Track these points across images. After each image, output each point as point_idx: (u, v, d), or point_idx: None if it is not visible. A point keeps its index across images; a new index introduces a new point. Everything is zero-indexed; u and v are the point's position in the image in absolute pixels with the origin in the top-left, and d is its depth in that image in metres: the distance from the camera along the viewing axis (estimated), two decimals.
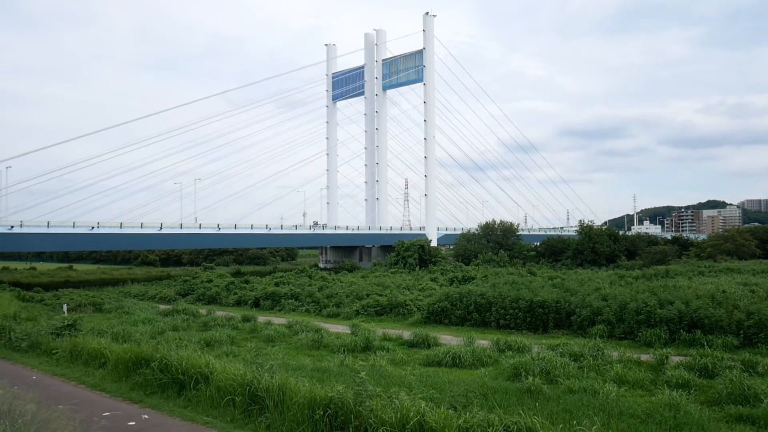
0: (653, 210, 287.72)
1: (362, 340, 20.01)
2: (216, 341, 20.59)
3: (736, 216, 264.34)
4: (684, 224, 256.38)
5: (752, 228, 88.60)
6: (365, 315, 29.47)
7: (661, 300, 22.47)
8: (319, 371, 14.70)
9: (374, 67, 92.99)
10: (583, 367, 15.53)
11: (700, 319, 20.32)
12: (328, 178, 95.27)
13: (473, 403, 10.40)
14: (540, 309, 24.25)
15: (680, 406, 11.59)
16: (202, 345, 18.65)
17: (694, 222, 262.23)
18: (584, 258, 63.22)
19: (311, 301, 34.10)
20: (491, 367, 16.50)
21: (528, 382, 12.89)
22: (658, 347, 18.42)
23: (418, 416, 8.66)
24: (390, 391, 10.00)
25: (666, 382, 14.00)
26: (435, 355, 17.60)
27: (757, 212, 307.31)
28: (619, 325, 21.74)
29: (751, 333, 19.23)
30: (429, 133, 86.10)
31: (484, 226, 75.06)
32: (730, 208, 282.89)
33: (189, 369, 12.62)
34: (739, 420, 11.07)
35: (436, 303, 27.45)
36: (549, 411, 10.66)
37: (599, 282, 32.99)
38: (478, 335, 21.95)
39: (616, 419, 10.27)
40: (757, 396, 12.10)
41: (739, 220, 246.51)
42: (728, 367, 14.86)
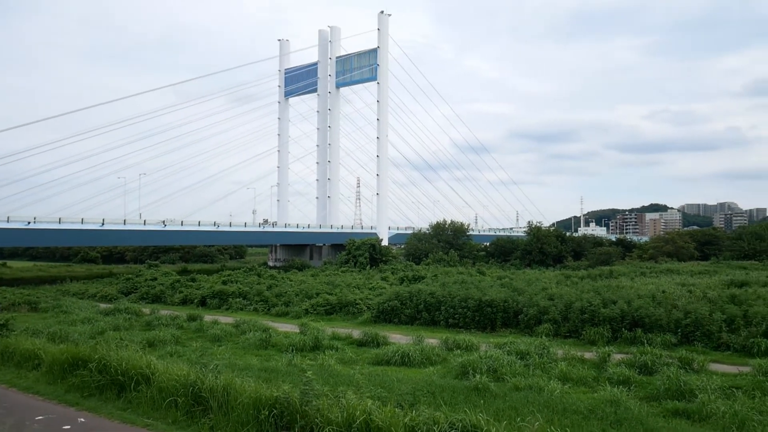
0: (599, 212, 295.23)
1: (311, 339, 19.83)
2: (159, 341, 20.09)
3: (676, 219, 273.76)
4: (628, 226, 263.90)
5: (691, 231, 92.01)
6: (315, 314, 29.23)
7: (604, 300, 23.01)
8: (267, 371, 14.52)
9: (328, 65, 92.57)
10: (529, 365, 15.77)
11: (641, 318, 20.89)
12: (280, 175, 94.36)
13: (420, 401, 10.42)
14: (488, 308, 24.52)
15: (621, 401, 11.89)
16: (144, 345, 18.16)
17: (637, 224, 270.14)
18: (532, 258, 64.43)
19: (260, 299, 33.65)
20: (440, 365, 16.59)
21: (475, 380, 13.02)
22: (601, 345, 18.84)
23: (364, 415, 8.65)
24: (337, 390, 9.97)
25: (608, 378, 14.33)
26: (384, 354, 17.56)
27: (696, 216, 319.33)
28: (565, 324, 22.16)
29: (688, 331, 19.86)
30: (382, 132, 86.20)
31: (435, 225, 75.61)
32: (671, 212, 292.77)
33: (129, 370, 12.24)
34: (675, 414, 11.43)
35: (386, 302, 27.46)
36: (495, 408, 10.77)
37: (546, 282, 33.58)
38: (428, 334, 22.04)
39: (559, 415, 10.41)
40: (693, 391, 12.53)
41: (680, 223, 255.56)
42: (666, 364, 15.33)
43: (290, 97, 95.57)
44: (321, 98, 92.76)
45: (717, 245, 75.36)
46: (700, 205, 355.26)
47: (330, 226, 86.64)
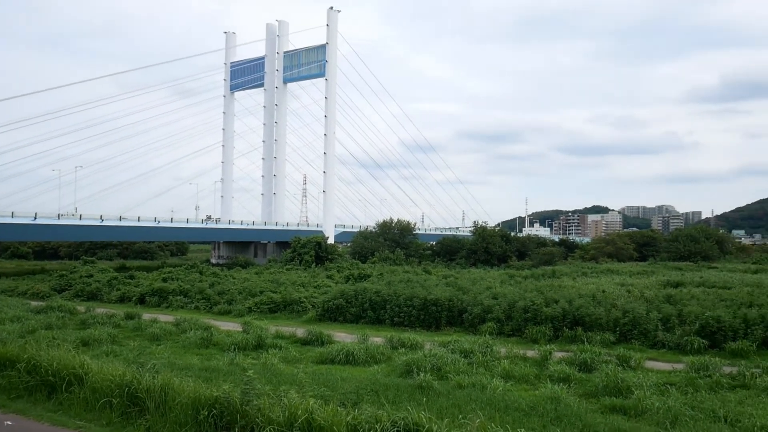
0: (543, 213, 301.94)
1: (254, 338, 19.55)
2: (95, 340, 19.36)
3: (617, 221, 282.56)
4: (570, 227, 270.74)
5: (631, 233, 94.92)
6: (258, 312, 28.80)
7: (547, 299, 23.46)
8: (207, 370, 14.21)
9: (275, 59, 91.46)
10: (472, 363, 15.88)
11: (581, 317, 21.39)
12: (224, 170, 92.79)
13: (364, 400, 10.36)
14: (433, 307, 24.64)
15: (561, 398, 12.10)
16: (78, 344, 17.46)
17: (579, 226, 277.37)
18: (477, 258, 65.22)
19: (201, 297, 32.93)
20: (384, 364, 16.54)
21: (420, 379, 13.03)
22: (543, 343, 19.18)
23: (306, 414, 8.57)
24: (280, 389, 9.85)
25: (549, 376, 14.57)
26: (328, 353, 17.43)
27: (635, 218, 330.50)
28: (508, 323, 22.46)
29: (626, 330, 20.44)
30: (329, 129, 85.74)
31: (381, 224, 75.70)
32: (612, 214, 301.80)
33: (61, 370, 11.73)
34: (613, 410, 11.69)
35: (331, 300, 27.27)
36: (439, 406, 10.80)
37: (491, 281, 34.04)
38: (373, 332, 21.98)
39: (501, 412, 10.50)
40: (629, 388, 12.87)
41: (620, 225, 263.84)
42: (605, 362, 15.69)
43: (236, 91, 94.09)
44: (268, 93, 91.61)
45: (655, 247, 77.94)
46: (639, 208, 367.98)
47: (275, 223, 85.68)
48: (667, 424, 10.61)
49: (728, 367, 15.40)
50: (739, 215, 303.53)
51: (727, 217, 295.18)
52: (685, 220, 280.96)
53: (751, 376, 14.12)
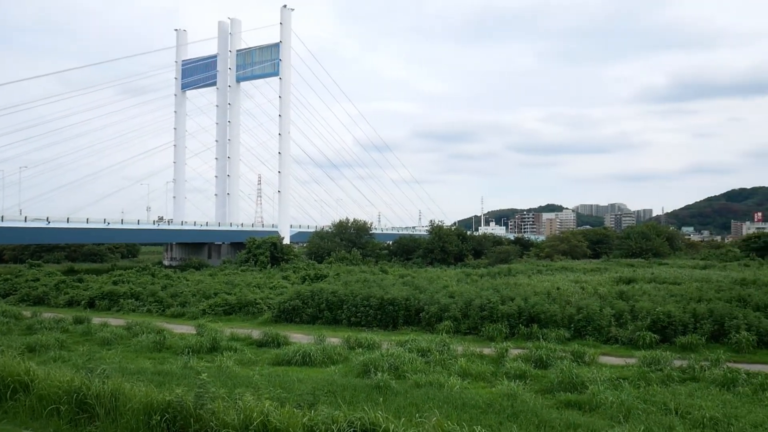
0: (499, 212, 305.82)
1: (208, 340, 19.17)
2: (42, 346, 18.69)
3: (571, 219, 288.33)
4: (526, 226, 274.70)
5: (584, 231, 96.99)
6: (213, 315, 28.32)
7: (503, 297, 23.68)
8: (160, 374, 13.85)
9: (228, 58, 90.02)
10: (430, 361, 15.92)
11: (537, 314, 21.67)
12: (176, 170, 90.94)
13: (321, 401, 10.27)
14: (390, 306, 24.63)
15: (517, 395, 12.22)
16: (23, 350, 16.83)
17: (534, 224, 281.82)
18: (434, 257, 65.55)
19: (154, 300, 32.20)
20: (341, 364, 16.45)
21: (377, 378, 12.97)
22: (499, 341, 19.37)
23: (261, 416, 8.44)
24: (235, 392, 9.71)
25: (505, 373, 14.66)
26: (285, 354, 17.24)
27: (589, 216, 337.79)
28: (465, 321, 22.59)
29: (581, 326, 20.80)
30: (284, 128, 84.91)
31: (337, 224, 75.41)
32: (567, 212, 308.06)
33: (5, 377, 11.21)
34: (568, 406, 11.85)
35: (287, 301, 27.02)
36: (396, 405, 10.77)
37: (447, 280, 34.18)
38: (330, 333, 21.86)
39: (458, 410, 10.55)
40: (584, 383, 13.06)
41: (574, 223, 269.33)
42: (560, 358, 15.94)
43: (188, 89, 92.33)
44: (220, 92, 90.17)
45: (607, 244, 79.69)
46: (592, 206, 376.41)
47: (229, 224, 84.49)
48: (621, 417, 10.79)
49: (678, 360, 15.81)
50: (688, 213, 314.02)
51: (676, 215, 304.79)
52: (636, 218, 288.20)
53: (700, 369, 14.53)
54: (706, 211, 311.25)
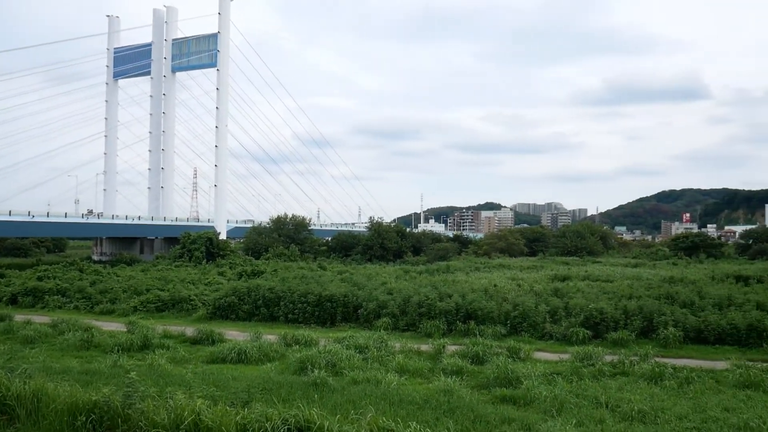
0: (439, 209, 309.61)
1: (140, 338, 18.63)
2: None
3: (509, 217, 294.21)
4: (465, 223, 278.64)
5: (522, 229, 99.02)
6: (144, 311, 27.49)
7: (441, 293, 23.87)
8: (88, 374, 13.31)
9: (163, 47, 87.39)
10: (367, 358, 15.89)
11: (474, 311, 21.91)
12: (107, 162, 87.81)
13: (256, 398, 10.07)
14: (328, 303, 24.46)
15: (454, 391, 12.31)
16: None
17: (473, 222, 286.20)
18: (373, 253, 65.59)
19: (81, 297, 31.00)
20: (278, 361, 16.26)
21: (314, 376, 12.85)
22: (436, 337, 19.46)
23: (193, 415, 8.22)
24: (166, 390, 9.49)
25: (442, 369, 14.75)
26: (220, 352, 16.92)
27: (526, 215, 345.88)
28: (403, 318, 22.65)
29: (516, 322, 21.16)
30: (221, 121, 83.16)
31: (275, 219, 74.47)
32: (505, 210, 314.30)
33: None
34: (503, 401, 11.99)
35: (222, 298, 26.48)
36: (333, 402, 10.71)
37: (386, 277, 34.26)
38: (266, 330, 21.54)
39: (395, 406, 10.54)
40: (519, 379, 13.28)
41: (512, 221, 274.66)
42: (496, 354, 16.16)
43: (120, 78, 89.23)
44: (155, 82, 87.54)
45: (544, 242, 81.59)
46: (530, 205, 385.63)
47: (163, 218, 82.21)
48: (554, 411, 11.01)
49: (609, 355, 16.26)
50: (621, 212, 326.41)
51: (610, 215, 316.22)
52: (572, 217, 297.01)
53: (630, 364, 14.99)
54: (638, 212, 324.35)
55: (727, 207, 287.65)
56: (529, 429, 9.71)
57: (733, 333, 18.71)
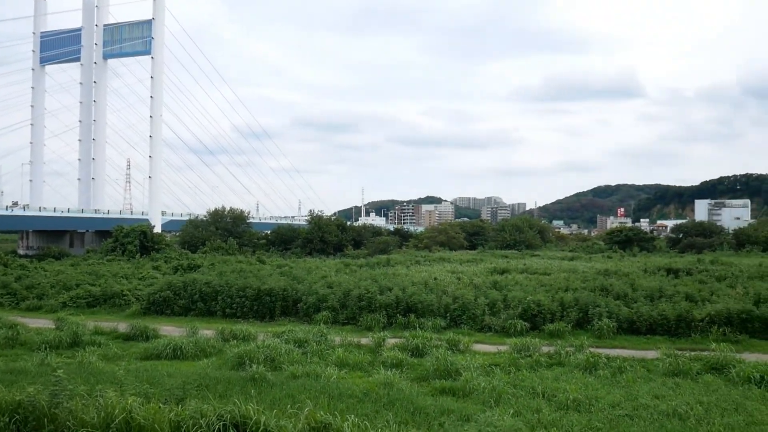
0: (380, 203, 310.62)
1: (69, 335, 17.94)
2: None
3: (449, 211, 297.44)
4: (406, 217, 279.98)
5: (462, 222, 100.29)
6: (74, 307, 26.49)
7: (381, 287, 23.88)
8: (12, 373, 12.86)
9: (94, 32, 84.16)
10: (307, 352, 15.81)
11: (414, 303, 22.03)
12: (33, 152, 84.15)
13: (191, 395, 9.85)
14: (267, 297, 24.15)
15: (394, 383, 12.36)
16: None
17: (414, 215, 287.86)
18: (313, 247, 65.15)
19: (6, 292, 29.58)
20: (215, 357, 15.98)
21: (252, 371, 12.75)
22: (377, 331, 19.49)
23: (124, 414, 8.06)
24: (96, 389, 9.25)
25: (382, 362, 14.77)
26: (154, 348, 16.51)
27: (466, 208, 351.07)
28: (343, 311, 22.56)
29: (456, 315, 21.40)
30: (156, 111, 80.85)
31: (213, 212, 73.03)
32: (445, 204, 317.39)
33: None
34: (442, 392, 12.10)
35: (157, 292, 25.79)
36: (272, 397, 10.69)
37: (326, 270, 34.07)
38: (203, 325, 21.12)
39: (335, 400, 10.59)
40: (458, 371, 13.42)
41: (452, 215, 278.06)
42: (436, 347, 16.26)
43: (47, 64, 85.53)
44: (85, 69, 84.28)
45: (483, 236, 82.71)
46: (470, 199, 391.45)
47: (95, 210, 79.43)
48: (492, 402, 11.19)
49: (546, 346, 16.63)
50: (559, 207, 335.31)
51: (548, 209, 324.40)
52: (511, 211, 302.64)
53: (565, 355, 15.36)
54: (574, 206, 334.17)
55: (659, 202, 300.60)
56: (468, 420, 9.83)
57: (663, 323, 19.45)
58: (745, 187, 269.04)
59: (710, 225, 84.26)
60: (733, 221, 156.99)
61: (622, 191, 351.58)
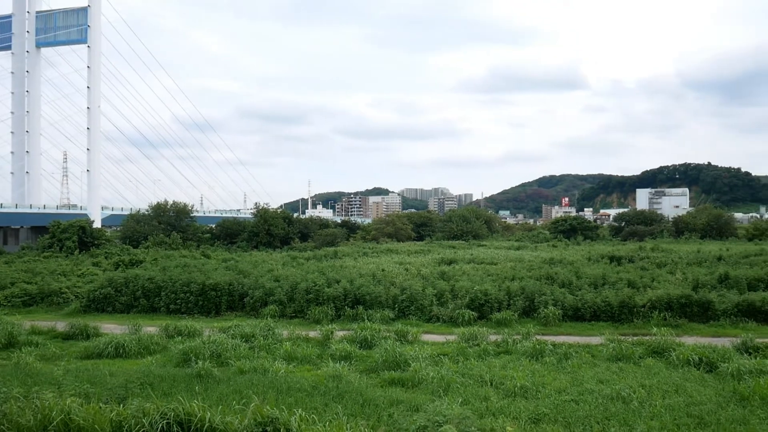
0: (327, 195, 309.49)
1: (4, 335, 17.31)
2: None
3: (397, 202, 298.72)
4: (353, 209, 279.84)
5: (409, 214, 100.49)
6: (9, 306, 25.49)
7: (329, 279, 23.79)
8: None
9: (26, 19, 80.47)
10: (254, 347, 15.70)
11: (362, 295, 22.03)
12: None
13: (134, 394, 9.60)
14: (213, 292, 23.73)
15: (342, 376, 12.40)
16: None
17: (361, 207, 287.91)
18: (260, 240, 64.36)
19: None
20: (159, 354, 15.68)
21: (198, 367, 12.60)
22: (325, 323, 19.44)
23: (62, 415, 7.83)
24: (33, 390, 9.06)
25: (331, 355, 14.79)
26: (95, 347, 16.05)
27: (414, 200, 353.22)
28: (291, 305, 22.38)
29: (404, 306, 21.50)
30: (93, 102, 78.00)
31: (155, 206, 71.18)
32: (392, 196, 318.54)
33: None
34: (392, 383, 12.17)
35: (98, 289, 25.01)
36: (218, 394, 10.59)
37: (273, 263, 33.73)
38: (146, 322, 20.63)
39: (283, 394, 10.58)
40: (407, 361, 13.50)
41: (399, 206, 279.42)
42: (384, 338, 16.35)
43: None
44: (16, 58, 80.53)
45: (431, 227, 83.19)
46: (417, 190, 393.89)
47: (29, 205, 76.29)
48: (441, 391, 11.30)
49: (494, 335, 16.92)
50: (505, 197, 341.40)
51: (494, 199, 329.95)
52: (458, 202, 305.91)
53: (512, 343, 15.66)
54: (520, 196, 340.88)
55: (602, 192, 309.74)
56: (417, 410, 9.88)
57: (606, 310, 20.02)
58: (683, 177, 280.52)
59: (651, 213, 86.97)
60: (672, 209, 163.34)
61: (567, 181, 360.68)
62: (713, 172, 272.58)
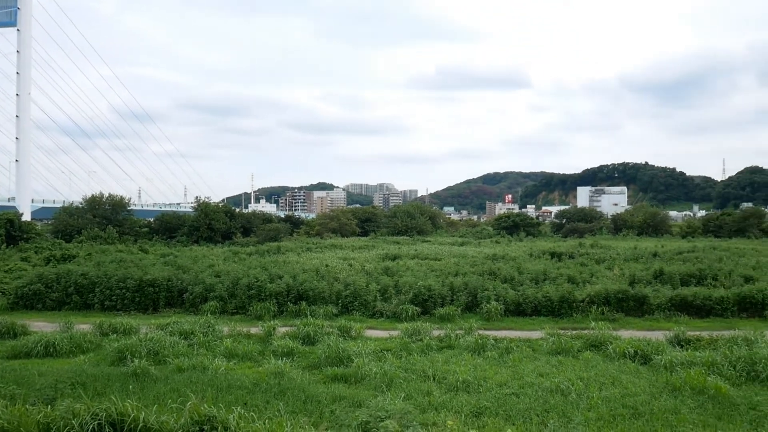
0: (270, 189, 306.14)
1: None
2: None
3: (341, 198, 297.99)
4: (297, 204, 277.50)
5: (354, 209, 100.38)
6: None
7: (271, 275, 23.43)
8: None
9: None
10: (193, 344, 15.33)
11: (305, 291, 21.77)
12: None
13: (64, 394, 9.19)
14: (150, 288, 23.03)
15: (285, 373, 12.27)
16: None
17: (306, 202, 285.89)
18: (200, 235, 63.14)
19: None
20: (93, 353, 15.14)
21: (134, 366, 12.19)
22: (267, 320, 19.14)
23: None
24: None
25: (273, 352, 14.58)
26: (23, 346, 15.30)
27: (359, 195, 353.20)
28: (232, 301, 21.95)
29: (348, 302, 21.36)
30: (23, 88, 74.74)
31: (89, 199, 68.75)
32: (337, 191, 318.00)
33: None
34: (335, 380, 12.09)
35: (26, 285, 23.91)
36: (155, 393, 10.32)
37: (214, 259, 33.13)
38: (79, 319, 19.84)
39: (223, 392, 10.42)
40: (350, 357, 13.44)
41: (344, 201, 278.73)
42: (327, 334, 16.20)
43: None
44: None
45: (376, 222, 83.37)
46: (362, 185, 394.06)
47: None
48: (384, 387, 11.28)
49: (437, 330, 16.99)
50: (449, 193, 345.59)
51: (439, 195, 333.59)
52: (403, 198, 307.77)
53: (455, 338, 15.76)
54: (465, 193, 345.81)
55: (544, 189, 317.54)
56: (360, 405, 9.85)
57: (547, 305, 20.42)
58: (622, 175, 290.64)
59: (591, 211, 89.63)
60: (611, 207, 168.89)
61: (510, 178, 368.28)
62: (650, 172, 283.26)
